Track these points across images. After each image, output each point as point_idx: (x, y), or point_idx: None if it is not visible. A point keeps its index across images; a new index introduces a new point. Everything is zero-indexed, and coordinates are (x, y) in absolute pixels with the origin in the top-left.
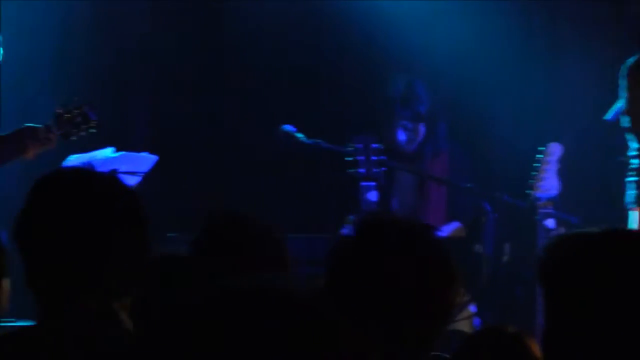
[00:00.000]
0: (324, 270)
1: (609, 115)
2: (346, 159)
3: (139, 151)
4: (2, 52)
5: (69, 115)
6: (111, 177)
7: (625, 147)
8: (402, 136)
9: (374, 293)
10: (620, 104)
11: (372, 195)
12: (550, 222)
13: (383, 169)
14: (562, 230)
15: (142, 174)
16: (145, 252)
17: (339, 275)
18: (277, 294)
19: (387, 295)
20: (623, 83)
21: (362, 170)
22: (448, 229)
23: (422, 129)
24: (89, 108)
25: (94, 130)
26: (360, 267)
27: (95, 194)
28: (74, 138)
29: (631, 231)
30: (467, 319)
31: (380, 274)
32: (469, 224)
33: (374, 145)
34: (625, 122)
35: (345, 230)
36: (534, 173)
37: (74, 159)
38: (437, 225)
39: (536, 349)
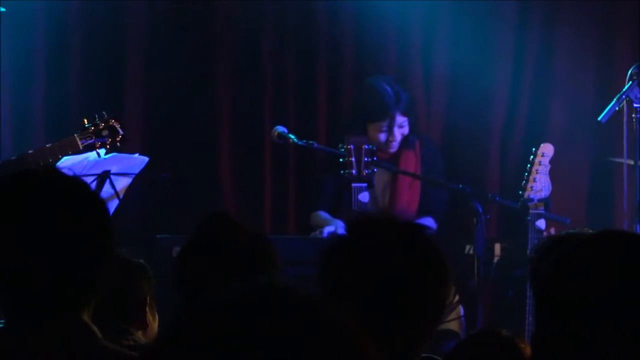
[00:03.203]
0: (316, 271)
1: (603, 116)
2: (340, 160)
3: (130, 152)
4: None
5: (94, 128)
6: (74, 178)
7: (613, 147)
8: (398, 136)
9: (367, 292)
10: (614, 105)
11: (364, 197)
12: (541, 223)
13: (375, 170)
14: (552, 231)
15: (133, 175)
16: (109, 257)
17: (332, 275)
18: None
19: (380, 295)
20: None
21: (354, 171)
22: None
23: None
24: (117, 122)
25: (119, 144)
26: (352, 266)
27: (58, 196)
28: (96, 150)
29: (624, 232)
30: (457, 319)
31: (373, 273)
32: (458, 223)
33: (367, 147)
34: None
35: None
36: (525, 174)
37: (66, 161)
38: None
39: (529, 352)
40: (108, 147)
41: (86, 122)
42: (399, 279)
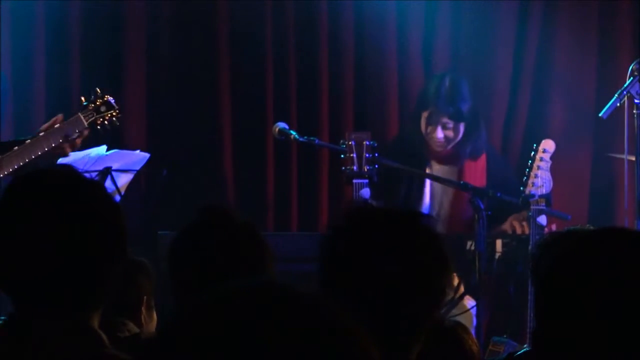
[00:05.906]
0: (317, 264)
1: (604, 112)
2: (341, 156)
3: (131, 149)
4: None
5: (93, 105)
6: (91, 181)
7: (614, 143)
8: (440, 134)
9: (367, 282)
10: (615, 101)
11: (365, 193)
12: (543, 219)
13: (376, 166)
14: (554, 227)
15: (134, 172)
16: (120, 259)
17: (332, 267)
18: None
19: (380, 283)
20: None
21: (355, 167)
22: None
23: (462, 128)
24: (111, 97)
25: (118, 118)
26: (351, 257)
27: (73, 198)
28: (100, 127)
29: (624, 229)
30: (467, 312)
31: (371, 262)
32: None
33: (368, 143)
34: None
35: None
36: (527, 170)
37: (67, 157)
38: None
39: (473, 343)
40: (107, 122)
41: (84, 100)
42: (396, 267)
